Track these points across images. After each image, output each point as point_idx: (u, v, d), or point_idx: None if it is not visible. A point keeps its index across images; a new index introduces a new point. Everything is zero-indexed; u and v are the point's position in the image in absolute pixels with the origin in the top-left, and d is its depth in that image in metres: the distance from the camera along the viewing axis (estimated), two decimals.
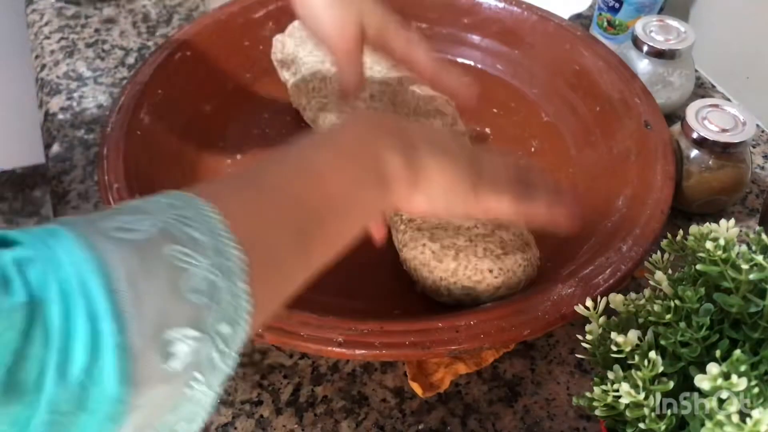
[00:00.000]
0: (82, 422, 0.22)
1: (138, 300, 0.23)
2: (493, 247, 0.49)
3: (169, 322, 0.24)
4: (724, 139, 0.55)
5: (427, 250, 0.49)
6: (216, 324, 0.25)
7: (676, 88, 0.66)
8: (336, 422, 0.47)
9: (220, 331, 0.26)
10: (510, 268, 0.48)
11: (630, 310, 0.36)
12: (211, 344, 0.25)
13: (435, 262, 0.48)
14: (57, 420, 0.21)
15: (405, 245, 0.51)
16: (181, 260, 0.25)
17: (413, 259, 0.50)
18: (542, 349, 0.51)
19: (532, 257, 0.50)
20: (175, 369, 0.24)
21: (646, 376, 0.32)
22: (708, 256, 0.33)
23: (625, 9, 0.73)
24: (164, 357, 0.24)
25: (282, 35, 0.69)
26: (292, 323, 0.43)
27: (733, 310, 0.33)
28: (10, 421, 0.20)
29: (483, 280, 0.48)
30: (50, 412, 0.21)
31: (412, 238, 0.50)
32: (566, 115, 0.66)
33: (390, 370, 0.50)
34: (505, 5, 0.70)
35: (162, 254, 0.25)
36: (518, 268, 0.49)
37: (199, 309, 0.25)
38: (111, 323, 0.22)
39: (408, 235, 0.51)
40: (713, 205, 0.60)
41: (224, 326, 0.26)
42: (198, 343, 0.25)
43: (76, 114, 0.69)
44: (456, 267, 0.48)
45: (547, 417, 0.47)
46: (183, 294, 0.24)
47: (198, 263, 0.25)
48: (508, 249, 0.49)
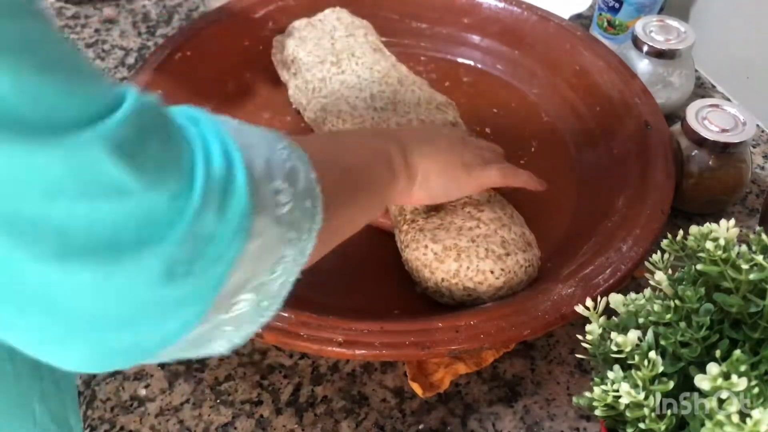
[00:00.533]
0: (220, 231, 0.26)
1: (252, 152, 0.29)
2: (495, 247, 0.49)
3: (273, 175, 0.29)
4: (724, 139, 0.55)
5: (429, 252, 0.49)
6: (300, 201, 0.31)
7: (676, 88, 0.66)
8: (336, 422, 0.47)
9: (305, 205, 0.31)
10: (512, 269, 0.48)
11: (630, 310, 0.36)
12: (300, 210, 0.30)
13: (437, 263, 0.48)
14: (203, 218, 0.25)
15: (407, 246, 0.51)
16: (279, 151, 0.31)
17: (415, 260, 0.50)
18: (542, 349, 0.51)
19: (533, 257, 0.50)
20: (281, 213, 0.29)
21: (646, 376, 0.32)
22: (708, 256, 0.33)
23: (625, 9, 0.73)
24: (274, 198, 0.29)
25: (282, 35, 0.70)
26: (292, 323, 0.43)
27: (733, 310, 0.33)
28: (170, 195, 0.24)
29: (485, 281, 0.48)
30: (201, 199, 0.25)
31: (414, 239, 0.50)
32: (566, 115, 0.66)
33: (390, 370, 0.50)
34: (505, 5, 0.71)
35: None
36: (519, 268, 0.49)
37: (290, 172, 0.31)
38: (238, 152, 0.27)
39: (410, 236, 0.51)
40: (713, 205, 0.60)
41: (307, 202, 0.31)
42: (294, 202, 0.30)
43: None
44: (458, 268, 0.48)
45: (547, 417, 0.47)
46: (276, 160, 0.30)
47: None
48: (509, 249, 0.49)
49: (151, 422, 0.47)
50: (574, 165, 0.62)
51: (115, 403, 0.48)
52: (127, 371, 0.49)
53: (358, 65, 0.64)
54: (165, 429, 0.47)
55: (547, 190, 0.55)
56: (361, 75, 0.63)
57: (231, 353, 0.50)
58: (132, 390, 0.49)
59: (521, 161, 0.61)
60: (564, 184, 0.60)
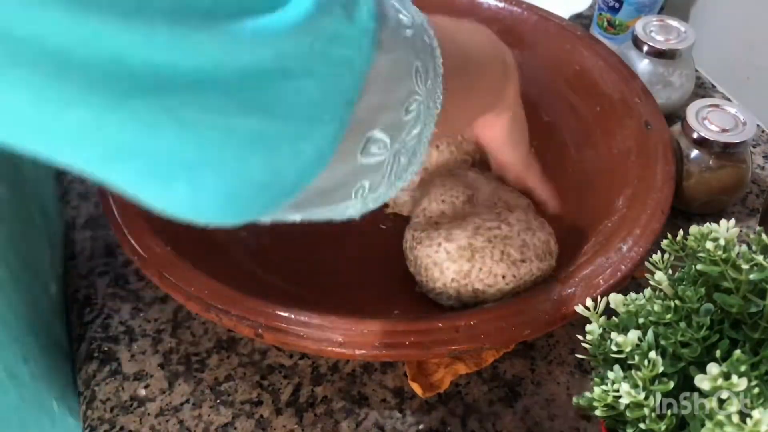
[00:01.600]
0: (347, 31, 0.24)
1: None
2: (513, 251, 0.48)
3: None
4: (724, 139, 0.55)
5: (441, 250, 0.48)
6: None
7: (676, 88, 0.66)
8: (336, 422, 0.47)
9: (424, 39, 0.29)
10: (523, 277, 0.47)
11: (630, 310, 0.36)
12: (421, 41, 0.29)
13: (449, 262, 0.48)
14: (324, 11, 0.22)
15: (420, 242, 0.50)
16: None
17: (426, 257, 0.49)
18: (542, 349, 0.51)
19: (548, 268, 0.49)
20: (406, 35, 0.27)
21: (646, 376, 0.32)
22: (708, 256, 0.33)
23: (625, 9, 0.73)
24: (396, 16, 0.27)
25: None
26: (292, 323, 0.43)
27: (734, 310, 0.33)
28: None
29: (494, 285, 0.47)
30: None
31: (428, 236, 0.49)
32: (566, 115, 0.66)
33: (390, 370, 0.50)
34: (505, 5, 0.70)
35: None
36: (530, 277, 0.48)
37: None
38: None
39: (424, 233, 0.50)
40: (713, 205, 0.60)
41: (425, 37, 0.29)
42: (414, 30, 0.28)
43: None
44: (470, 269, 0.47)
45: (547, 417, 0.47)
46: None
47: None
48: (527, 255, 0.48)
49: (151, 422, 0.47)
50: (574, 165, 0.62)
51: (114, 404, 0.48)
52: (126, 372, 0.49)
53: None
54: (165, 429, 0.47)
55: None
56: None
57: (230, 353, 0.50)
58: (132, 390, 0.48)
59: None
60: (564, 184, 0.60)
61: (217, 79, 0.20)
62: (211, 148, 0.21)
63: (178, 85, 0.19)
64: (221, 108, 0.21)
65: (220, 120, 0.21)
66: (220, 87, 0.20)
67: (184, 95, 0.20)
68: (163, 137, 0.20)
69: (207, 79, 0.20)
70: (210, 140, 0.21)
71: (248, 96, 0.21)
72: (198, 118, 0.20)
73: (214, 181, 0.22)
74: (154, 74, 0.19)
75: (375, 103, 0.26)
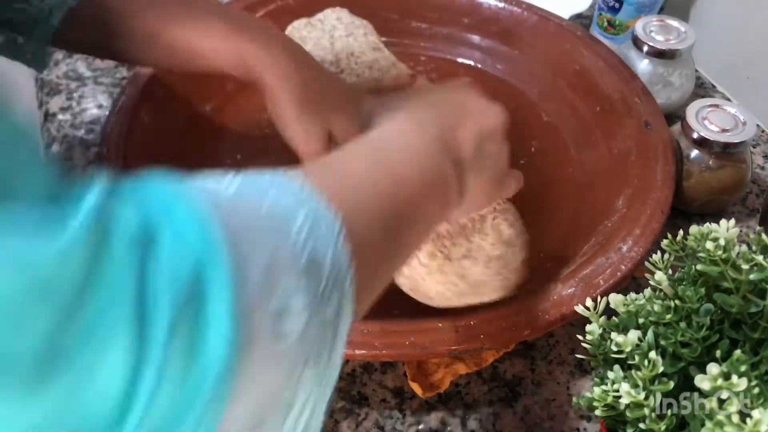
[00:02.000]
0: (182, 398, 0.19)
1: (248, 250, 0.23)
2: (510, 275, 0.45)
3: (278, 281, 0.23)
4: (724, 139, 0.55)
5: (454, 288, 0.45)
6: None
7: (676, 88, 0.66)
8: (336, 422, 0.47)
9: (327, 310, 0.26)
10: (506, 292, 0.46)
11: (630, 310, 0.36)
12: (319, 323, 0.25)
13: (457, 297, 0.45)
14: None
15: (430, 274, 0.45)
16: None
17: (439, 295, 0.45)
18: (542, 349, 0.51)
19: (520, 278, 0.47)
20: (290, 342, 0.23)
21: (646, 376, 0.32)
22: (708, 256, 0.33)
23: (625, 9, 0.73)
24: (275, 324, 0.23)
25: None
26: None
27: (733, 310, 0.33)
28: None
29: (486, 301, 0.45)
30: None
31: (442, 271, 0.45)
32: (566, 115, 0.66)
33: (390, 370, 0.50)
34: (505, 5, 0.70)
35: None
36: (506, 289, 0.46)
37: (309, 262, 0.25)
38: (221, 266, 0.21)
39: (436, 263, 0.45)
40: (713, 205, 0.60)
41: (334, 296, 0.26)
42: (311, 310, 0.24)
43: (76, 114, 0.69)
44: (476, 301, 0.45)
45: (547, 417, 0.47)
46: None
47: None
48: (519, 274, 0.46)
49: None
50: (574, 165, 0.62)
51: None
52: None
53: (357, 65, 0.64)
54: None
55: (547, 190, 0.55)
56: (360, 74, 0.63)
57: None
58: None
59: (521, 161, 0.61)
60: (564, 184, 0.60)
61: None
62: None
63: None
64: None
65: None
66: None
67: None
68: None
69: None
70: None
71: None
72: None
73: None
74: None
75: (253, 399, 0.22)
